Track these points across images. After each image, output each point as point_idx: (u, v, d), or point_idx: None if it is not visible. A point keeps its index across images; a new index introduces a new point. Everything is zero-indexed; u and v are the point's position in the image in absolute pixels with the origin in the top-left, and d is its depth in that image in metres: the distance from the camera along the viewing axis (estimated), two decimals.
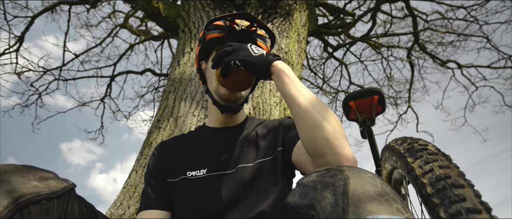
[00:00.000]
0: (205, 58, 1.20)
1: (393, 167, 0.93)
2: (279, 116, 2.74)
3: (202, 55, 1.19)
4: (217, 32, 1.12)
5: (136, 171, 2.19)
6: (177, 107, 2.49)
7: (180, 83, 2.66)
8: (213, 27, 1.14)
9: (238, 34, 1.10)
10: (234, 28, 1.11)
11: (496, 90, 7.51)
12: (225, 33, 1.10)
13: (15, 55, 6.04)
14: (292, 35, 3.37)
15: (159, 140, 2.33)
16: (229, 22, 1.11)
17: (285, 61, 3.12)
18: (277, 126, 1.16)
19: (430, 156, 0.67)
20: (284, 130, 1.13)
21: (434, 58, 7.59)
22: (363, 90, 1.62)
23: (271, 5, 3.15)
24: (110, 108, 6.31)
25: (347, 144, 0.80)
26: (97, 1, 4.96)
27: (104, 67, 6.25)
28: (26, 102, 6.10)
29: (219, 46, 1.12)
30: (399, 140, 0.86)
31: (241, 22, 1.11)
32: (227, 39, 1.09)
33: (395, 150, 0.82)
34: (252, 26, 1.13)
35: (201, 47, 1.16)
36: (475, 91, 7.69)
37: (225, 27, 1.11)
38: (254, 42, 1.14)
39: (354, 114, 1.69)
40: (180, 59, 2.88)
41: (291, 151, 1.03)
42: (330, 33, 4.99)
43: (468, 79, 7.64)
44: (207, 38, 1.13)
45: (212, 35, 1.12)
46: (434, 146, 0.74)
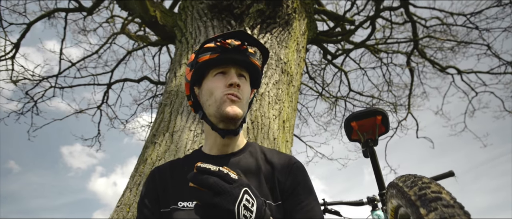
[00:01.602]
0: (198, 83, 1.14)
1: (400, 205, 0.87)
2: (278, 129, 2.67)
3: (194, 80, 1.12)
4: (209, 54, 1.07)
5: (131, 189, 2.12)
6: (173, 122, 2.42)
7: (176, 96, 2.59)
8: (203, 49, 1.09)
9: (230, 54, 1.06)
10: (226, 48, 1.06)
11: (496, 96, 7.47)
12: (218, 53, 1.06)
13: (11, 62, 5.98)
14: (291, 45, 3.31)
15: (154, 156, 2.26)
16: (220, 42, 1.07)
17: (284, 72, 3.06)
18: (285, 170, 1.09)
19: (446, 210, 0.60)
20: (291, 183, 1.05)
21: (433, 64, 7.55)
22: (366, 111, 1.56)
23: (270, 15, 3.09)
24: (107, 115, 6.24)
25: None
26: (94, 8, 4.90)
27: (101, 74, 6.18)
28: (22, 109, 6.02)
29: (214, 68, 1.07)
30: (407, 180, 0.80)
31: (232, 41, 1.07)
32: (221, 60, 1.05)
33: (404, 193, 0.75)
34: (243, 44, 1.09)
35: (194, 71, 1.10)
36: (475, 97, 7.66)
37: (217, 48, 1.06)
38: (248, 59, 1.09)
39: (356, 134, 1.63)
40: (176, 71, 2.81)
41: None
42: (329, 41, 4.94)
43: (468, 85, 7.60)
44: (199, 61, 1.08)
45: (204, 57, 1.07)
46: (449, 194, 0.67)
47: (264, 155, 1.13)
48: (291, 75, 3.19)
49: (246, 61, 1.07)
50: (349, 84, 6.33)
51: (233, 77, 1.03)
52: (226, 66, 1.05)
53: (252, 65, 1.09)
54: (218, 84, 1.04)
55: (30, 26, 5.26)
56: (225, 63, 1.05)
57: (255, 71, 1.12)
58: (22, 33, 5.43)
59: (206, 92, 1.07)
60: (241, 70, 1.08)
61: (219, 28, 2.99)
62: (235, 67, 1.06)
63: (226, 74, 1.06)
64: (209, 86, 1.05)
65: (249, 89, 1.12)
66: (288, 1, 3.26)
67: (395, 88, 7.71)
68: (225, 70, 1.05)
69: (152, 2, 4.23)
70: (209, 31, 2.99)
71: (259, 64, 1.16)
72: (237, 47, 1.06)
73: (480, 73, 7.25)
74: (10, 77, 6.15)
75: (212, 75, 1.06)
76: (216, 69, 1.06)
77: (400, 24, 6.75)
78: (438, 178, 1.79)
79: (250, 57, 1.10)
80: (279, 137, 2.65)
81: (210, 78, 1.06)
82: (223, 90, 1.03)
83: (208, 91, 1.05)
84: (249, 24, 2.98)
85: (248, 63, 1.08)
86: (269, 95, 2.72)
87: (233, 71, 1.05)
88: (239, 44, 1.07)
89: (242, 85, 1.05)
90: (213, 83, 1.05)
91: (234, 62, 1.05)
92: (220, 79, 1.05)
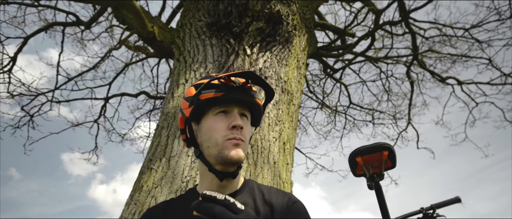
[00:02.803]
0: (196, 120, 1.06)
1: None
2: (279, 152, 2.60)
3: (193, 117, 1.05)
4: (213, 91, 1.00)
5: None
6: (170, 146, 2.34)
7: (173, 118, 2.52)
8: (206, 86, 1.02)
9: (235, 92, 1.01)
10: (231, 87, 1.01)
11: (496, 106, 7.42)
12: (223, 92, 1.00)
13: (8, 75, 5.92)
14: (291, 62, 3.26)
15: (150, 183, 2.18)
16: (224, 79, 1.02)
17: (285, 91, 2.99)
18: (284, 211, 1.03)
19: None
20: None
21: (433, 75, 7.51)
22: (372, 147, 1.49)
23: (269, 33, 3.03)
24: (104, 128, 6.16)
25: None
26: (91, 22, 4.85)
27: (99, 87, 6.11)
28: (18, 123, 5.94)
29: (216, 107, 1.01)
30: None
31: (236, 79, 1.02)
32: (226, 99, 1.00)
33: None
34: (247, 83, 1.04)
35: (194, 109, 1.03)
36: (475, 107, 7.61)
37: (222, 86, 1.01)
38: (252, 99, 1.04)
39: (361, 169, 1.55)
40: (174, 91, 2.75)
41: None
42: (329, 55, 4.89)
43: (468, 95, 7.55)
44: (202, 98, 1.01)
45: (208, 95, 1.00)
46: None
47: (262, 195, 1.07)
48: (291, 94, 3.12)
49: (250, 102, 1.03)
50: (350, 97, 6.27)
51: (236, 119, 0.98)
52: (229, 106, 1.00)
53: (256, 106, 1.05)
54: (220, 126, 0.98)
55: (27, 40, 5.20)
56: (229, 102, 1.00)
57: (257, 111, 1.08)
58: (20, 47, 5.38)
59: (206, 132, 1.01)
60: (244, 110, 1.03)
61: (218, 47, 2.93)
62: (238, 106, 1.01)
63: (228, 114, 1.00)
64: (210, 126, 1.00)
65: (250, 130, 1.07)
66: (288, 18, 3.20)
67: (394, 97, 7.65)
68: (227, 110, 1.00)
69: (150, 17, 4.18)
70: (207, 49, 2.93)
71: (262, 103, 1.11)
72: (242, 86, 1.01)
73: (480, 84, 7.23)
74: (7, 90, 6.09)
75: (213, 114, 1.01)
76: (218, 108, 1.00)
77: (400, 35, 6.72)
78: (445, 204, 1.71)
79: (254, 97, 1.05)
80: (280, 160, 2.57)
81: (211, 117, 1.01)
82: (225, 133, 0.97)
83: (208, 131, 0.99)
84: (248, 43, 2.92)
85: (252, 103, 1.03)
86: (269, 116, 2.65)
87: (236, 111, 1.00)
88: (244, 82, 1.02)
89: (244, 126, 1.00)
90: (214, 123, 0.99)
91: (238, 102, 1.00)
92: (222, 120, 0.99)
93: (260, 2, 2.96)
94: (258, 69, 2.82)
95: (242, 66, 2.78)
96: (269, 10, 3.00)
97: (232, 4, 2.96)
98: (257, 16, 2.97)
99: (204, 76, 1.10)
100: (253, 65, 2.82)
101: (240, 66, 2.78)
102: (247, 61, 2.82)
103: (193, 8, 3.31)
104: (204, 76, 1.17)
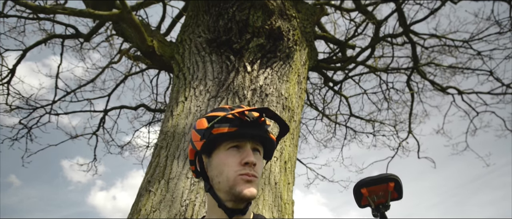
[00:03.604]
0: (207, 153, 1.03)
1: None
2: (280, 172, 2.55)
3: (204, 150, 1.02)
4: (227, 126, 0.98)
5: None
6: (169, 167, 2.29)
7: (172, 138, 2.47)
8: (220, 120, 0.99)
9: (249, 127, 0.98)
10: (245, 121, 0.98)
11: (497, 116, 7.38)
12: (237, 127, 0.97)
13: (7, 87, 5.88)
14: (292, 78, 3.22)
15: (148, 206, 2.12)
16: (238, 114, 0.99)
17: (286, 108, 2.95)
18: None
19: None
20: None
21: (434, 84, 7.48)
22: (377, 178, 1.43)
23: (270, 49, 3.00)
24: (103, 140, 6.10)
25: None
26: (91, 34, 4.83)
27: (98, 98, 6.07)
28: (16, 136, 5.89)
29: (228, 141, 0.98)
30: None
31: (250, 113, 1.00)
32: (239, 134, 0.97)
33: None
34: (261, 117, 1.01)
35: (206, 143, 1.00)
36: (476, 116, 7.56)
37: (235, 121, 0.98)
38: (265, 134, 1.01)
39: (366, 200, 1.49)
40: (173, 109, 2.70)
41: None
42: (330, 68, 4.86)
43: (469, 105, 7.52)
44: (214, 132, 0.98)
45: (221, 129, 0.98)
46: None
47: None
48: (292, 110, 3.08)
49: (264, 136, 1.00)
50: (350, 108, 6.23)
51: (249, 155, 0.95)
52: (241, 140, 0.97)
53: (269, 140, 1.02)
54: (232, 161, 0.96)
55: (26, 52, 5.18)
56: (242, 137, 0.97)
57: (270, 145, 1.05)
58: (18, 59, 5.35)
59: (217, 167, 0.98)
60: (256, 144, 1.00)
61: (218, 64, 2.90)
62: (250, 141, 0.98)
63: (240, 149, 0.97)
64: (221, 161, 0.97)
65: (262, 164, 1.04)
66: (289, 34, 3.18)
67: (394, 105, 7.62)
68: (240, 144, 0.97)
69: (149, 30, 4.15)
70: (207, 66, 2.89)
71: (275, 137, 1.08)
72: (256, 121, 0.99)
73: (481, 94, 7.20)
74: (6, 102, 6.05)
75: (224, 149, 0.98)
76: (231, 142, 0.97)
77: (400, 44, 6.70)
78: None
79: (268, 132, 1.03)
80: (281, 181, 2.52)
81: (223, 151, 0.98)
82: (237, 169, 0.95)
83: (219, 167, 0.97)
84: (248, 60, 2.88)
85: (265, 138, 1.01)
86: None
87: (249, 147, 0.97)
88: (258, 117, 0.99)
89: (257, 162, 0.97)
90: (226, 158, 0.96)
91: (251, 137, 0.98)
92: (234, 155, 0.96)
93: (260, 18, 2.93)
94: (259, 86, 2.79)
95: (242, 84, 2.74)
96: (270, 26, 2.98)
97: (232, 20, 2.94)
98: (258, 33, 2.95)
99: (217, 107, 1.07)
100: (254, 82, 2.79)
101: (240, 83, 2.74)
102: (248, 78, 2.79)
103: (193, 24, 3.28)
104: (216, 107, 1.13)
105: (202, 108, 2.59)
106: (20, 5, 3.59)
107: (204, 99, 2.65)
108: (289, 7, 3.37)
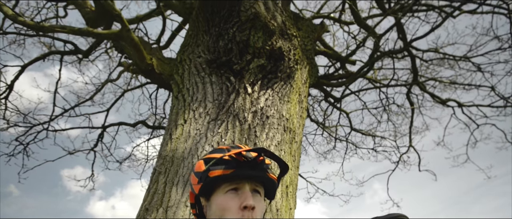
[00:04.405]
0: (206, 196, 1.01)
1: None
2: (281, 197, 2.48)
3: (203, 193, 1.00)
4: (222, 168, 0.95)
5: None
6: (167, 195, 2.23)
7: (171, 163, 2.41)
8: (216, 161, 0.97)
9: (246, 169, 0.95)
10: (242, 162, 0.95)
11: (497, 128, 7.33)
12: (233, 169, 0.94)
13: (4, 102, 5.83)
14: (293, 98, 3.17)
15: None
16: (235, 155, 0.96)
17: (287, 129, 2.89)
18: None
19: None
20: None
21: (434, 97, 7.46)
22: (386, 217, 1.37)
23: (271, 69, 2.96)
24: (101, 156, 6.02)
25: None
26: (90, 50, 4.80)
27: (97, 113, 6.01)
28: (13, 151, 5.81)
29: (226, 184, 0.96)
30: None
31: (248, 153, 0.96)
32: (236, 176, 0.94)
33: None
34: (260, 156, 0.97)
35: (203, 185, 0.98)
36: (476, 129, 7.52)
37: (232, 162, 0.95)
38: (264, 174, 0.97)
39: None
40: (172, 132, 2.65)
41: None
42: (330, 84, 4.83)
43: (469, 117, 7.48)
44: (210, 175, 0.96)
45: (216, 172, 0.95)
46: None
47: None
48: (293, 131, 3.02)
49: (263, 177, 0.96)
50: (351, 124, 6.18)
51: (248, 199, 0.92)
52: (240, 182, 0.94)
53: (269, 180, 0.98)
54: (230, 205, 0.92)
55: (25, 68, 5.14)
56: (240, 179, 0.94)
57: (271, 185, 1.01)
58: (16, 75, 5.31)
59: (216, 212, 0.95)
60: (256, 185, 0.97)
61: (218, 85, 2.85)
62: (250, 183, 0.95)
63: (239, 191, 0.94)
64: (219, 205, 0.93)
65: (263, 206, 1.00)
66: (290, 54, 3.14)
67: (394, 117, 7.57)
68: (238, 187, 0.94)
69: (148, 48, 4.12)
70: (207, 87, 2.85)
71: (276, 177, 1.04)
72: (254, 161, 0.95)
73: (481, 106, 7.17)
74: (3, 117, 5.99)
75: (223, 192, 0.94)
76: (229, 185, 0.94)
77: (399, 58, 6.69)
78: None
79: (267, 172, 0.99)
80: (282, 206, 2.45)
81: (221, 194, 0.95)
82: (236, 213, 0.91)
83: (218, 211, 0.93)
84: (249, 81, 2.84)
85: (265, 178, 0.97)
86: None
87: (248, 188, 0.94)
88: (256, 156, 0.96)
89: (256, 206, 0.93)
90: (224, 202, 0.93)
91: (249, 178, 0.95)
92: (232, 198, 0.93)
93: (261, 39, 2.90)
94: (260, 108, 2.74)
95: (243, 106, 2.69)
96: (271, 46, 2.94)
97: (233, 41, 2.90)
98: (258, 53, 2.91)
99: (214, 149, 1.04)
100: (254, 104, 2.74)
101: (240, 105, 2.69)
102: (248, 100, 2.74)
103: (193, 43, 3.25)
104: (213, 149, 1.10)
105: (202, 131, 2.54)
106: (19, 23, 3.56)
107: (204, 122, 2.60)
108: (290, 26, 3.35)
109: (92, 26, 4.82)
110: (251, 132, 2.55)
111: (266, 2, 3.03)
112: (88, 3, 4.92)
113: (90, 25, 4.83)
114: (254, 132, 2.56)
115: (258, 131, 2.57)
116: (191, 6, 3.94)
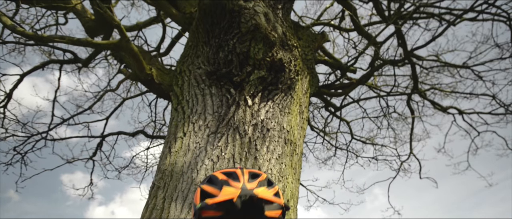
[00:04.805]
0: None
1: None
2: None
3: None
4: (214, 210, 0.97)
5: None
6: (166, 210, 2.19)
7: (170, 178, 2.37)
8: (210, 204, 0.98)
9: (237, 214, 0.94)
10: (234, 206, 0.94)
11: (498, 135, 7.30)
12: (223, 212, 0.95)
13: (3, 110, 5.80)
14: (293, 109, 3.14)
15: None
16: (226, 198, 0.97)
17: (288, 142, 2.86)
18: None
19: None
20: None
21: (434, 105, 7.43)
22: None
23: (271, 81, 2.94)
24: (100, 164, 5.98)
25: None
26: (89, 59, 4.78)
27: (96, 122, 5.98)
28: (11, 160, 5.77)
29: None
30: None
31: (238, 200, 0.96)
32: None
33: None
34: (254, 198, 0.98)
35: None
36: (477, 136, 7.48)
37: (226, 204, 0.96)
38: (261, 215, 0.96)
39: None
40: (171, 146, 2.61)
41: None
42: (330, 94, 4.80)
43: (470, 125, 7.44)
44: (203, 215, 0.98)
45: (209, 212, 0.97)
46: None
47: None
48: (294, 143, 2.99)
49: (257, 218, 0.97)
50: (352, 133, 6.15)
51: None
52: None
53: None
54: None
55: (24, 77, 5.12)
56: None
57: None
58: (15, 84, 5.28)
59: None
60: None
61: (218, 97, 2.82)
62: None
63: None
64: None
65: None
66: (291, 65, 3.12)
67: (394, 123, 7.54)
68: None
69: (148, 58, 4.10)
70: (207, 100, 2.82)
71: (275, 213, 1.02)
72: (249, 202, 0.95)
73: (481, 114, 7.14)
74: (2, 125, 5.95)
75: None
76: None
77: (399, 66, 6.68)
78: None
79: (263, 211, 0.97)
80: None
81: None
82: None
83: None
84: (249, 93, 2.81)
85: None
86: (272, 173, 2.51)
87: None
88: (249, 199, 0.96)
89: None
90: None
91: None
92: None
93: (261, 50, 2.88)
94: (260, 121, 2.70)
95: (243, 118, 2.66)
96: (271, 58, 2.92)
97: (233, 52, 2.88)
98: (259, 65, 2.89)
99: (211, 177, 1.09)
100: (255, 117, 2.71)
101: (241, 118, 2.66)
102: (249, 112, 2.71)
103: (192, 54, 3.23)
104: (211, 176, 1.13)
105: (202, 145, 2.50)
106: (18, 33, 3.53)
107: (204, 135, 2.56)
108: (291, 36, 3.33)
109: (92, 34, 4.81)
110: (251, 145, 2.52)
111: (266, 13, 3.01)
112: (88, 11, 4.91)
113: (90, 34, 4.81)
114: (254, 145, 2.52)
115: (259, 144, 2.53)
116: (191, 16, 3.92)
